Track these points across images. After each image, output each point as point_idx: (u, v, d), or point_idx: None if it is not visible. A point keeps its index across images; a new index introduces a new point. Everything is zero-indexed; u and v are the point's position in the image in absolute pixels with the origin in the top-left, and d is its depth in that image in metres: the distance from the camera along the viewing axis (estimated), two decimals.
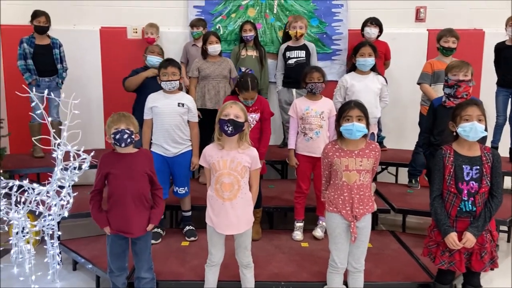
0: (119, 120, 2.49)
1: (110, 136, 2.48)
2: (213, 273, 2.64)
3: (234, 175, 2.47)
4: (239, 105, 2.54)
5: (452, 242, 2.37)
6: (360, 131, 2.39)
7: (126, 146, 2.50)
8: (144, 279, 2.65)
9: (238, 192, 2.49)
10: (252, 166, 2.54)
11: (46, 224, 3.05)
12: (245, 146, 2.53)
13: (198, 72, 4.10)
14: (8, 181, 3.15)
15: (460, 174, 2.38)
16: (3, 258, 3.46)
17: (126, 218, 2.52)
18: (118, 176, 2.50)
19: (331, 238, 2.57)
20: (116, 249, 2.60)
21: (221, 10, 5.02)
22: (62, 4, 4.98)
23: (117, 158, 2.54)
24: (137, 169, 2.54)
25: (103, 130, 5.13)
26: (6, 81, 4.91)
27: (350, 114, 2.40)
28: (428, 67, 4.00)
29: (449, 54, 3.94)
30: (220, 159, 2.48)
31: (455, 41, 3.91)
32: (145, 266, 2.65)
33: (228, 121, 2.43)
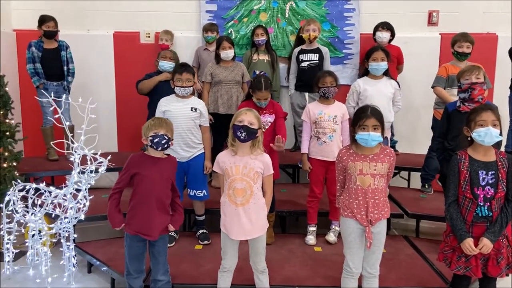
0: (160, 124, 2.56)
1: (147, 138, 2.55)
2: (225, 279, 2.64)
3: (246, 181, 2.49)
4: (253, 112, 2.56)
5: (468, 247, 2.36)
6: (375, 140, 2.40)
7: (162, 150, 2.57)
8: (160, 281, 2.67)
9: (251, 198, 2.50)
10: (265, 172, 2.55)
11: (62, 226, 3.09)
12: (257, 153, 2.54)
13: (211, 77, 4.13)
14: (25, 184, 3.21)
15: (475, 179, 2.37)
16: (19, 260, 3.49)
17: (148, 221, 2.55)
18: (145, 178, 2.54)
19: (346, 243, 2.57)
20: (135, 251, 2.63)
21: (233, 14, 5.06)
22: (76, 9, 5.07)
23: (147, 160, 2.59)
24: (164, 174, 2.59)
25: (116, 133, 5.22)
26: (20, 85, 4.99)
27: (366, 123, 2.40)
28: (443, 71, 3.99)
29: (464, 59, 3.92)
30: (233, 165, 2.50)
31: (469, 46, 3.89)
32: (162, 269, 2.67)
33: (242, 127, 2.45)
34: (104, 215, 3.60)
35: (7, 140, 3.61)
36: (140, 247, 2.62)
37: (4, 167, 3.55)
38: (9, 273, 3.31)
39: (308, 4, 5.02)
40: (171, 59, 4.06)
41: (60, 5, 5.01)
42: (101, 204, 3.81)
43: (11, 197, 3.18)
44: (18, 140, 3.77)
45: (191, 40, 5.06)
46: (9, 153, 3.61)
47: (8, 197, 3.20)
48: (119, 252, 3.30)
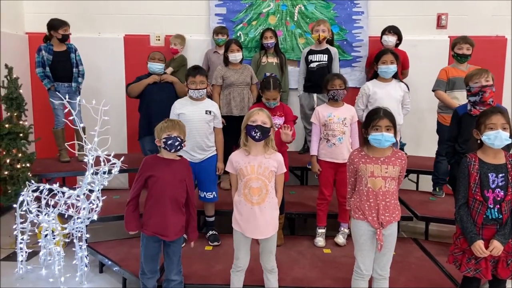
0: (173, 127, 2.60)
1: (160, 140, 2.59)
2: (239, 278, 2.68)
3: (262, 180, 2.53)
4: (265, 111, 2.61)
5: (479, 250, 2.37)
6: (388, 141, 2.41)
7: (175, 151, 2.61)
8: (174, 281, 2.71)
9: (266, 197, 2.54)
10: (278, 170, 2.60)
11: (75, 227, 3.13)
12: (270, 151, 2.58)
13: (222, 80, 4.16)
14: (39, 184, 3.26)
15: (485, 181, 2.38)
16: (31, 260, 3.54)
17: (164, 222, 2.59)
18: (160, 179, 2.58)
19: (356, 245, 2.58)
20: (151, 252, 2.66)
21: (242, 17, 5.10)
22: (87, 13, 5.14)
23: (161, 162, 2.64)
24: (178, 175, 2.62)
25: (126, 135, 5.27)
26: (32, 87, 5.06)
27: (379, 124, 2.41)
28: (443, 74, 4.02)
29: (464, 61, 3.96)
30: (248, 165, 2.54)
31: (469, 48, 3.92)
32: (176, 269, 2.71)
33: (256, 127, 2.50)
34: (116, 215, 3.73)
35: (21, 141, 3.67)
36: (156, 247, 2.66)
37: (17, 168, 3.61)
38: (22, 273, 3.36)
39: (317, 7, 5.05)
40: (160, 60, 4.04)
41: (72, 9, 5.09)
42: (112, 205, 3.88)
43: (25, 197, 3.23)
44: (31, 142, 3.83)
45: (200, 43, 5.11)
46: (23, 154, 3.68)
47: (22, 197, 3.25)
48: (131, 252, 3.36)
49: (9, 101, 3.64)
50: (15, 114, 3.65)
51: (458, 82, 3.90)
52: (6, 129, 3.57)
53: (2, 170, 3.59)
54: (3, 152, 3.62)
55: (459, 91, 3.91)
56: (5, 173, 3.59)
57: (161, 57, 4.06)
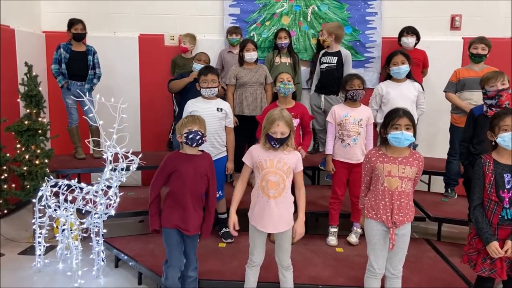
0: (193, 121, 2.67)
1: (181, 135, 2.65)
2: (254, 273, 2.71)
3: (280, 174, 2.56)
4: (285, 120, 2.54)
5: (494, 250, 2.37)
6: (408, 139, 2.41)
7: (196, 146, 2.67)
8: (190, 278, 2.76)
9: (283, 192, 2.57)
10: (297, 168, 2.63)
11: (93, 222, 3.19)
12: (289, 149, 2.62)
13: (235, 80, 4.20)
14: (57, 180, 3.33)
15: (501, 182, 2.39)
16: (48, 254, 3.61)
17: (185, 217, 2.64)
18: (182, 175, 2.64)
19: (370, 244, 2.60)
20: (173, 240, 2.67)
21: (255, 18, 5.14)
22: (103, 12, 5.22)
23: (183, 158, 2.69)
24: (199, 170, 2.67)
25: (139, 133, 5.33)
26: (48, 85, 5.14)
27: (399, 122, 2.43)
28: (454, 76, 4.06)
29: (478, 61, 3.96)
30: (267, 158, 2.58)
31: (484, 48, 3.92)
32: (192, 265, 2.76)
33: (276, 140, 2.53)
34: (132, 211, 3.82)
35: (39, 138, 3.74)
36: (177, 238, 2.69)
37: (36, 164, 3.68)
38: (40, 266, 3.43)
39: (330, 7, 5.07)
40: (205, 62, 4.18)
41: (88, 8, 5.17)
42: (128, 202, 3.95)
43: (44, 192, 3.30)
44: (49, 138, 3.90)
45: (214, 43, 5.15)
46: (41, 150, 3.74)
47: (41, 192, 3.32)
48: (146, 247, 3.41)
49: (28, 98, 3.71)
50: (34, 111, 3.72)
51: (469, 83, 3.92)
52: (26, 126, 3.64)
53: (21, 165, 3.67)
54: (22, 148, 3.69)
55: (469, 92, 3.92)
56: (24, 168, 3.66)
57: (206, 59, 4.21)
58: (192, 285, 2.79)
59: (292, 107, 3.40)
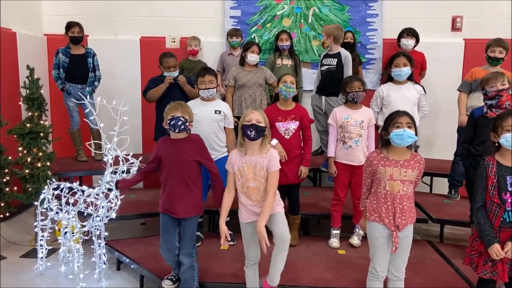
0: (176, 108, 2.73)
1: (166, 122, 2.73)
2: (253, 272, 2.72)
3: (258, 180, 2.60)
4: (260, 111, 2.67)
5: (496, 252, 2.37)
6: (410, 137, 2.40)
7: (179, 132, 2.72)
8: (183, 265, 2.81)
9: (265, 195, 2.61)
10: (270, 167, 2.59)
11: (94, 224, 3.19)
12: (266, 149, 2.63)
13: (234, 81, 4.21)
14: (59, 183, 3.33)
15: (503, 184, 2.38)
16: (51, 257, 3.61)
17: (171, 199, 2.75)
18: (166, 159, 2.76)
19: (372, 246, 2.59)
20: (163, 224, 2.82)
21: (256, 20, 5.15)
22: (104, 15, 5.23)
23: (169, 143, 2.79)
24: (183, 154, 2.74)
25: (141, 136, 5.33)
26: (50, 88, 5.15)
27: (400, 121, 2.42)
28: (469, 75, 4.02)
29: (496, 64, 3.92)
30: (245, 165, 2.61)
31: (502, 51, 3.89)
32: (185, 250, 2.80)
33: (251, 126, 2.56)
34: (133, 214, 3.83)
35: (41, 140, 3.75)
36: (168, 223, 2.80)
37: (38, 166, 3.69)
38: (42, 269, 3.44)
39: (331, 9, 5.08)
40: (174, 68, 3.95)
41: (89, 11, 5.18)
42: (129, 204, 3.95)
43: (46, 195, 3.30)
44: (51, 141, 3.91)
45: (215, 45, 5.16)
46: (43, 153, 3.75)
47: (43, 195, 3.32)
48: (148, 250, 3.41)
49: (30, 101, 3.72)
50: (36, 114, 3.73)
51: None
52: (27, 129, 3.65)
53: (23, 168, 3.67)
54: (24, 151, 3.70)
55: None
56: (26, 171, 3.67)
57: (175, 64, 3.98)
58: (187, 274, 2.81)
59: (292, 109, 3.40)
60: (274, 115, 3.34)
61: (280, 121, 3.35)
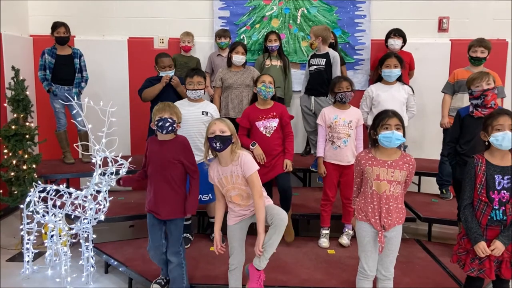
0: (163, 109, 2.71)
1: (154, 122, 2.71)
2: (235, 277, 2.70)
3: (238, 187, 2.61)
4: (223, 120, 2.62)
5: (482, 250, 2.39)
6: (398, 139, 2.41)
7: (167, 133, 2.71)
8: (171, 263, 2.81)
9: (250, 199, 2.62)
10: (245, 172, 2.55)
11: (82, 227, 3.15)
12: (237, 156, 2.57)
13: (221, 82, 4.19)
14: (46, 185, 3.28)
15: (491, 183, 2.41)
16: (37, 260, 3.56)
17: (156, 201, 2.75)
18: (151, 160, 2.76)
19: (360, 246, 2.60)
20: (149, 223, 2.84)
21: (245, 20, 5.14)
22: (92, 15, 5.18)
23: (156, 143, 2.78)
24: (168, 156, 2.73)
25: (129, 138, 5.29)
26: (36, 89, 5.08)
27: (389, 122, 2.42)
28: (451, 77, 4.09)
29: (478, 64, 3.97)
30: (222, 176, 2.62)
31: (483, 51, 3.94)
32: (172, 249, 2.80)
33: (215, 138, 2.51)
34: (121, 216, 3.79)
35: (27, 142, 3.69)
36: (154, 222, 2.80)
37: (24, 169, 3.63)
38: (29, 273, 3.38)
39: (320, 10, 5.09)
40: (170, 67, 3.96)
41: (76, 11, 5.13)
42: (118, 206, 3.91)
43: (32, 198, 3.25)
44: (37, 143, 3.85)
45: (204, 46, 5.14)
46: (29, 155, 3.70)
47: (29, 198, 3.27)
48: (137, 252, 3.38)
49: (15, 103, 3.66)
50: (22, 116, 3.67)
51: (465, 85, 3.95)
52: (13, 131, 3.59)
53: (8, 171, 3.61)
54: (9, 153, 3.64)
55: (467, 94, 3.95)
56: (11, 174, 3.61)
57: (170, 64, 3.99)
58: (176, 272, 2.81)
59: (271, 107, 3.42)
60: (254, 115, 3.38)
61: (261, 119, 3.37)
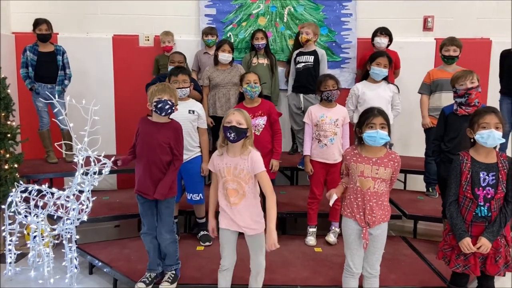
0: (163, 90, 2.69)
1: (151, 103, 2.67)
2: (224, 278, 2.65)
3: (237, 181, 2.50)
4: (242, 112, 2.54)
5: (466, 245, 2.41)
6: (383, 138, 2.41)
7: (166, 115, 2.70)
8: (166, 240, 2.84)
9: (243, 198, 2.52)
10: (254, 170, 2.50)
11: (65, 228, 3.10)
12: (248, 152, 2.52)
13: (209, 81, 4.16)
14: (28, 185, 3.22)
15: (476, 180, 2.43)
16: (20, 262, 3.49)
17: (143, 180, 2.73)
18: (142, 139, 2.73)
19: (346, 243, 2.61)
20: (140, 207, 2.85)
21: (232, 18, 5.11)
22: (75, 13, 5.09)
23: (148, 124, 2.76)
24: (158, 138, 2.71)
25: (114, 136, 5.22)
26: (19, 87, 4.98)
27: (374, 121, 2.43)
28: (427, 77, 4.15)
29: (451, 62, 4.04)
30: (225, 166, 2.53)
31: (456, 50, 4.00)
32: (166, 227, 2.83)
33: (231, 128, 2.46)
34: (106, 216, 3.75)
35: (8, 142, 3.62)
36: (143, 204, 2.80)
37: (5, 168, 3.56)
38: (11, 274, 3.31)
39: (306, 8, 5.09)
40: (179, 63, 3.97)
41: (60, 8, 5.03)
42: (102, 206, 3.86)
43: (14, 198, 3.19)
44: (19, 142, 3.78)
45: (190, 44, 5.09)
46: (10, 155, 3.62)
47: (11, 198, 3.21)
48: (122, 253, 3.34)
49: None
50: (3, 114, 3.60)
51: (442, 84, 3.99)
52: None
53: None
54: None
55: (444, 93, 3.99)
56: None
57: (180, 60, 3.98)
58: (171, 247, 2.86)
59: (259, 105, 3.41)
60: None
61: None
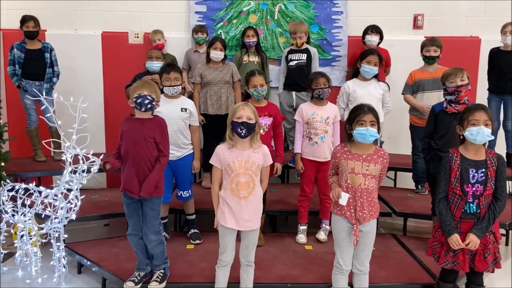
0: (143, 86, 2.68)
1: (132, 100, 2.65)
2: (224, 273, 2.66)
3: (249, 174, 2.53)
4: (250, 107, 2.58)
5: (455, 242, 2.43)
6: (373, 135, 2.43)
7: (146, 111, 2.67)
8: (152, 241, 2.79)
9: (253, 190, 2.55)
10: (265, 163, 2.60)
11: (53, 227, 3.06)
12: (257, 145, 2.57)
13: (200, 78, 4.14)
14: (15, 184, 3.17)
15: (466, 176, 2.44)
16: (7, 261, 3.44)
17: (129, 178, 2.68)
18: (126, 138, 2.69)
19: (336, 240, 2.62)
20: (127, 208, 2.79)
21: (222, 16, 5.08)
22: (64, 9, 5.02)
23: (132, 121, 2.72)
24: (143, 134, 2.68)
25: (104, 134, 5.17)
26: (6, 85, 4.91)
27: (364, 119, 2.44)
28: (409, 78, 4.20)
29: (431, 62, 4.10)
30: (235, 160, 2.52)
31: (436, 50, 4.06)
32: (151, 228, 2.77)
33: (242, 124, 2.48)
34: (94, 215, 3.70)
35: None
36: (129, 204, 2.75)
37: None
38: None
39: (297, 6, 5.08)
40: (157, 58, 4.02)
41: (47, 5, 4.95)
42: (91, 205, 3.82)
43: (0, 197, 3.13)
44: (5, 140, 3.72)
45: (180, 41, 5.05)
46: None
47: None
48: (110, 252, 3.31)
49: None
50: None
51: (424, 84, 4.05)
52: None
53: None
54: None
55: (426, 92, 4.05)
56: None
57: (158, 55, 4.03)
58: (158, 248, 2.81)
59: (265, 106, 3.41)
60: None
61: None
